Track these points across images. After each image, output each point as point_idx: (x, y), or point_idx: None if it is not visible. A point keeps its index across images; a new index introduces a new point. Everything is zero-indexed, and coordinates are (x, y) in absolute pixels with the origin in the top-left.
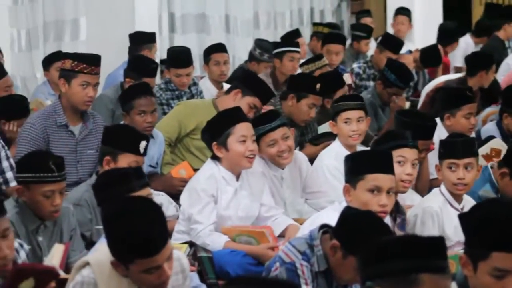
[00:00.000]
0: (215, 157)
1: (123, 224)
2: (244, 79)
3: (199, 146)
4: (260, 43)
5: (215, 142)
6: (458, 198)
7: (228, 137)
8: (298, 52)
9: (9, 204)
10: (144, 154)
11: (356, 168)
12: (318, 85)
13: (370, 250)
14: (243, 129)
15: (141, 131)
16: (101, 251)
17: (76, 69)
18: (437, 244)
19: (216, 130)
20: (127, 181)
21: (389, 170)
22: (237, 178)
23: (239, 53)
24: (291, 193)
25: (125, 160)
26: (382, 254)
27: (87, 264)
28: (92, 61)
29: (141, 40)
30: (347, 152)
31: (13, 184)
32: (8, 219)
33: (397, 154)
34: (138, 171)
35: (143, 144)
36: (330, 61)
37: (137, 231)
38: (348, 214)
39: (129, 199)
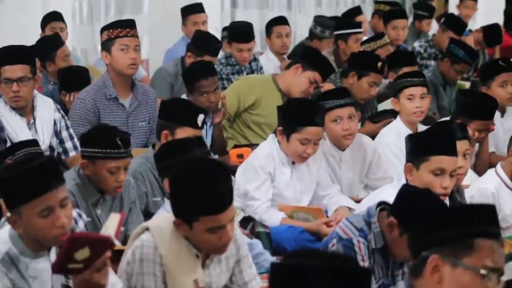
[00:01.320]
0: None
1: (191, 181)
2: (304, 54)
3: (258, 122)
4: (320, 20)
5: (281, 127)
6: None
7: (294, 133)
8: (361, 32)
9: (69, 175)
10: (202, 127)
11: (420, 148)
12: (379, 63)
13: (423, 221)
14: (310, 133)
15: (207, 109)
16: (160, 217)
17: (112, 36)
18: (489, 210)
19: (288, 118)
20: (189, 150)
21: (454, 152)
22: (293, 161)
23: (300, 30)
24: (349, 176)
25: (183, 134)
26: (436, 223)
27: (146, 229)
28: (126, 24)
29: (186, 12)
30: (408, 130)
31: (72, 154)
32: (66, 188)
33: None
34: (200, 140)
35: (200, 117)
36: (397, 37)
37: (205, 187)
38: (406, 192)
39: (197, 159)
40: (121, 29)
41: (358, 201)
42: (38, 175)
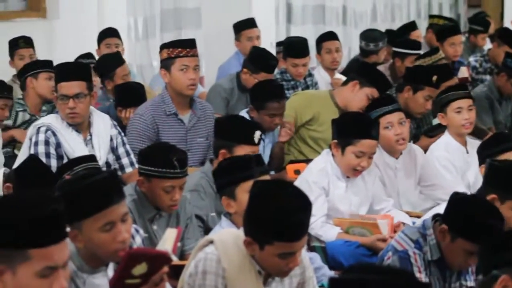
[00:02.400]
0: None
1: (274, 205)
2: (361, 70)
3: (315, 137)
4: (364, 33)
5: (336, 141)
6: None
7: (349, 146)
8: (420, 54)
9: (126, 191)
10: (259, 143)
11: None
12: (434, 77)
13: (496, 239)
14: (365, 146)
15: (267, 129)
16: (224, 231)
17: (173, 55)
18: None
19: (343, 131)
20: (248, 168)
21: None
22: (347, 175)
23: (355, 45)
24: (405, 183)
25: (241, 152)
26: (508, 243)
27: (210, 242)
28: (186, 44)
29: (240, 27)
30: (457, 143)
31: (129, 170)
32: (126, 204)
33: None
34: (259, 158)
35: (257, 134)
36: (455, 53)
37: (286, 215)
38: (455, 199)
39: (279, 182)
40: (182, 49)
41: (418, 216)
42: (101, 189)
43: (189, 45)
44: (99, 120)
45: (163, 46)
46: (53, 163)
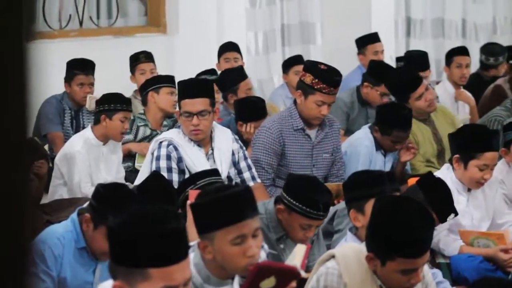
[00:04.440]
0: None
1: (396, 220)
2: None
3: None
4: (484, 47)
5: (457, 155)
6: None
7: (472, 159)
8: None
9: None
10: None
11: None
12: None
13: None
14: (488, 158)
15: (387, 150)
16: (346, 245)
17: (316, 87)
18: None
19: (465, 145)
20: (380, 183)
21: None
22: (468, 189)
23: (474, 58)
24: None
25: None
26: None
27: (332, 256)
28: (332, 83)
29: (364, 41)
30: None
31: (250, 184)
32: (259, 219)
33: None
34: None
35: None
36: None
37: (411, 232)
38: None
39: (403, 198)
40: (327, 86)
41: None
42: (236, 202)
43: (335, 84)
44: (221, 134)
45: (310, 70)
46: (175, 178)
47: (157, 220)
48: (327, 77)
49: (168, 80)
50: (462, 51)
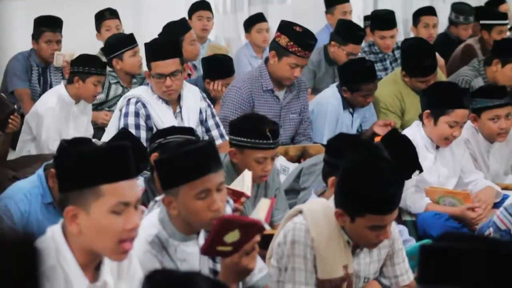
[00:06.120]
0: (422, 120)
1: (368, 179)
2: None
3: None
4: (455, 6)
5: (429, 110)
6: None
7: (442, 116)
8: (506, 24)
9: None
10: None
11: None
12: None
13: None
14: (459, 116)
15: (360, 106)
16: (314, 201)
17: (290, 50)
18: None
19: (436, 101)
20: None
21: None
22: (437, 146)
23: (443, 19)
24: (496, 168)
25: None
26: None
27: (299, 212)
28: (307, 47)
29: (333, 1)
30: None
31: (218, 142)
32: (223, 173)
33: None
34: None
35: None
36: None
37: (380, 188)
38: None
39: (375, 155)
40: (301, 49)
41: (507, 188)
42: (200, 156)
43: (309, 48)
44: (189, 92)
45: (285, 31)
46: (143, 135)
47: (106, 143)
48: (302, 40)
49: (128, 42)
50: (429, 11)
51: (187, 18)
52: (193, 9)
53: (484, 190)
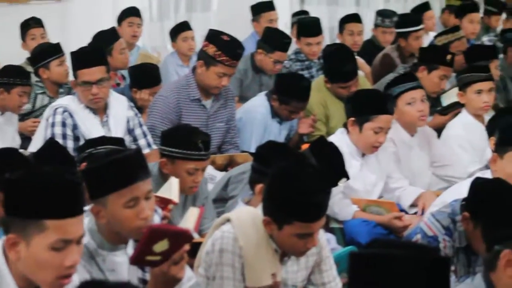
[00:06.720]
0: (346, 128)
1: (294, 186)
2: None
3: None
4: (380, 11)
5: (353, 118)
6: None
7: (367, 122)
8: (422, 29)
9: None
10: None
11: (507, 137)
12: (449, 56)
13: (496, 215)
14: (383, 121)
15: (284, 119)
16: (242, 209)
17: (218, 59)
18: None
19: (360, 108)
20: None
21: None
22: (363, 154)
23: (368, 26)
24: (419, 162)
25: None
26: (508, 217)
27: (227, 220)
28: (235, 56)
29: (259, 9)
30: (476, 121)
31: (146, 151)
32: (151, 182)
33: None
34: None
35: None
36: (473, 30)
37: (307, 196)
38: (476, 184)
39: (303, 162)
40: (229, 59)
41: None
42: (128, 165)
43: (237, 56)
44: (116, 101)
45: (213, 41)
46: (70, 144)
47: (54, 173)
48: (230, 49)
49: (55, 51)
50: (354, 18)
51: (116, 25)
52: (123, 16)
53: (425, 196)
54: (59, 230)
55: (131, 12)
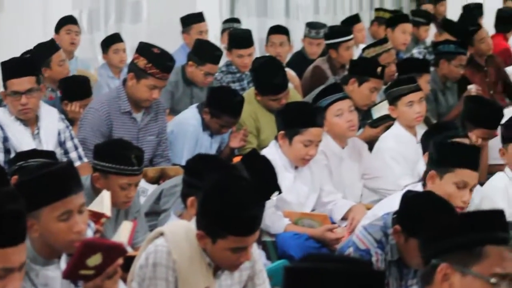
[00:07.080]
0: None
1: (227, 200)
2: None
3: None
4: (309, 22)
5: (283, 132)
6: None
7: (296, 135)
8: (352, 39)
9: None
10: None
11: (448, 158)
12: (379, 69)
13: (433, 229)
14: (313, 134)
15: (214, 133)
16: (175, 223)
17: (149, 72)
18: (498, 216)
19: (289, 121)
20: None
21: (477, 167)
22: (296, 166)
23: (298, 37)
24: (350, 175)
25: None
26: (444, 230)
27: (161, 234)
28: (165, 68)
29: (189, 21)
30: (408, 134)
31: (77, 163)
32: (83, 195)
33: None
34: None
35: None
36: (405, 41)
37: (240, 210)
38: (407, 197)
39: (235, 176)
40: (160, 71)
41: (367, 208)
42: (60, 178)
43: (168, 70)
44: (47, 113)
45: (144, 54)
46: (0, 157)
47: None
48: (161, 62)
49: None
50: (275, 29)
51: (46, 36)
52: (61, 24)
53: (356, 209)
54: (1, 259)
55: (69, 20)
